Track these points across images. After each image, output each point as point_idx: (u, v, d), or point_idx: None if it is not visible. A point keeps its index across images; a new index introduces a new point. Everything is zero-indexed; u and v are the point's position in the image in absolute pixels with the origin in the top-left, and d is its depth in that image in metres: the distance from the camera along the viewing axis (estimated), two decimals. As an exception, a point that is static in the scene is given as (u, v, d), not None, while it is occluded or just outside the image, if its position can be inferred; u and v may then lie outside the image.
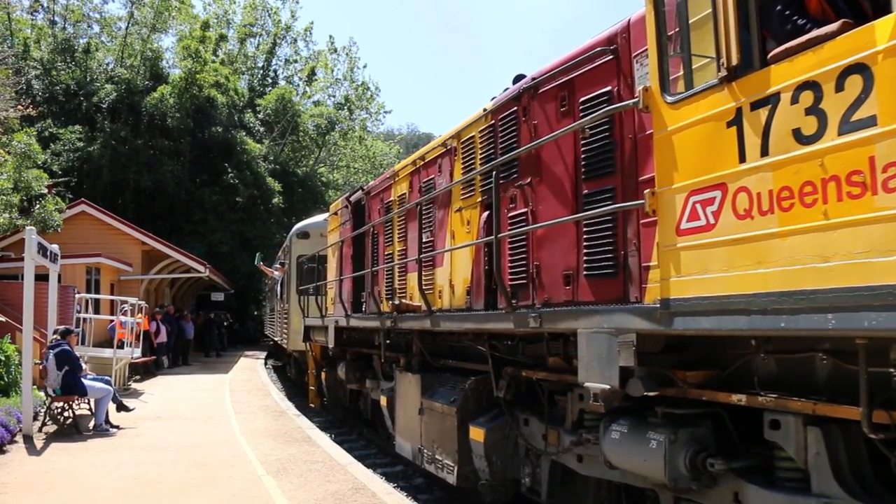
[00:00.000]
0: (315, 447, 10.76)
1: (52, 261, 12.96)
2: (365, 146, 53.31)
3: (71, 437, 11.42)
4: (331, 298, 13.39)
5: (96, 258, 23.26)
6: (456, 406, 7.37)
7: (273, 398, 17.22)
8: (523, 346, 6.65)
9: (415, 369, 8.88)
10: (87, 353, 16.41)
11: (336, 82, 53.70)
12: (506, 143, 6.81)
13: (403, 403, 9.07)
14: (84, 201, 26.01)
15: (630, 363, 4.39)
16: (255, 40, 50.77)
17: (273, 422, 13.31)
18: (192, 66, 36.74)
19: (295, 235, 19.65)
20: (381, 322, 9.41)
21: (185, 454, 10.10)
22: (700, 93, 3.94)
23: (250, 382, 21.21)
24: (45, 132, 31.48)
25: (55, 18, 40.81)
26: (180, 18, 42.91)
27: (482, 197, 7.21)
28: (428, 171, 8.90)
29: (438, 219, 8.41)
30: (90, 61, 37.97)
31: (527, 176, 6.35)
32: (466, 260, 7.51)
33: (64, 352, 11.84)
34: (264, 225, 39.15)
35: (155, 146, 35.62)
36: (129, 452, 10.29)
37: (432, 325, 7.73)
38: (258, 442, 11.10)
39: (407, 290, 9.27)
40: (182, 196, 36.17)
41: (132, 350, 18.30)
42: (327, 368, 14.48)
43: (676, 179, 4.06)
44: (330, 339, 12.28)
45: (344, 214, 12.96)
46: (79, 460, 9.75)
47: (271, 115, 43.56)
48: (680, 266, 4.02)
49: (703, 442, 4.51)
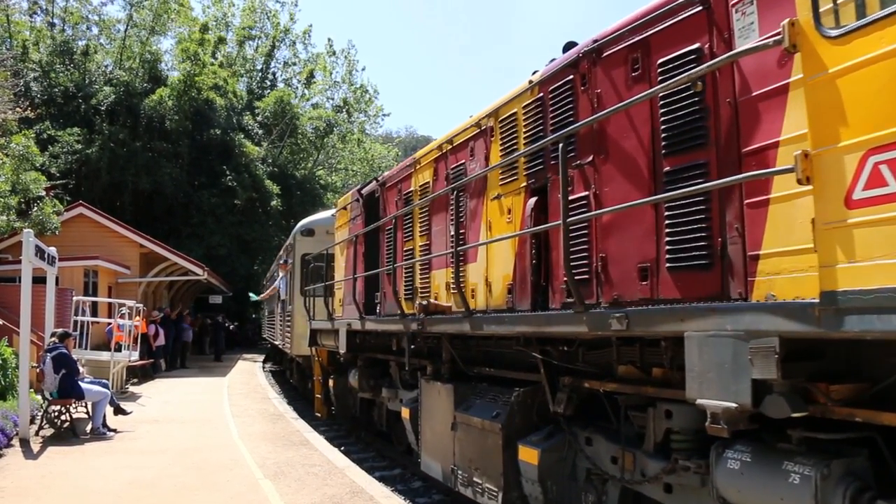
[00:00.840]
0: (313, 451, 10.74)
1: (49, 263, 12.93)
2: (363, 149, 53.32)
3: (68, 441, 11.39)
4: (339, 300, 12.57)
5: (94, 261, 23.25)
6: (500, 422, 6.38)
7: (271, 401, 17.19)
8: (584, 352, 5.73)
9: (445, 378, 7.93)
10: (84, 356, 16.39)
11: (334, 85, 53.90)
12: (558, 119, 5.91)
13: (431, 417, 8.09)
14: (82, 204, 25.98)
15: (770, 375, 3.48)
16: (253, 43, 50.90)
17: (271, 425, 13.28)
18: (190, 68, 36.78)
19: (299, 233, 18.44)
20: (405, 325, 8.34)
21: (183, 458, 10.06)
22: (885, 19, 3.10)
23: (248, 386, 21.17)
24: (44, 134, 31.45)
25: (54, 20, 40.84)
26: (179, 21, 42.92)
27: (528, 181, 6.34)
28: (457, 156, 8.01)
29: (470, 209, 7.53)
30: (89, 63, 37.98)
31: (587, 154, 5.46)
32: (507, 254, 6.63)
33: (61, 355, 11.80)
34: (262, 227, 39.15)
35: (153, 148, 35.63)
36: (126, 456, 10.25)
37: (472, 328, 6.68)
38: (256, 445, 11.07)
39: (431, 289, 8.49)
40: (180, 198, 36.19)
41: (130, 353, 18.27)
42: (335, 375, 13.28)
43: (845, 136, 3.19)
44: (341, 344, 11.30)
45: (355, 209, 12.05)
46: (76, 464, 9.71)
47: (270, 118, 43.59)
48: (853, 248, 3.14)
49: (864, 477, 3.63)
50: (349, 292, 11.50)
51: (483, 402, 6.96)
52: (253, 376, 24.58)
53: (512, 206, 6.63)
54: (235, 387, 20.50)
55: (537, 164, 6.19)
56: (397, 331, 8.98)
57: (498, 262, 6.87)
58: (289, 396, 20.11)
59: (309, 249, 16.36)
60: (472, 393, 7.30)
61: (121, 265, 25.08)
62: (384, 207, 10.62)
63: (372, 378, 11.17)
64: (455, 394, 7.42)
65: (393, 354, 9.86)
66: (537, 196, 6.14)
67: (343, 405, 13.41)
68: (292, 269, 18.75)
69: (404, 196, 9.67)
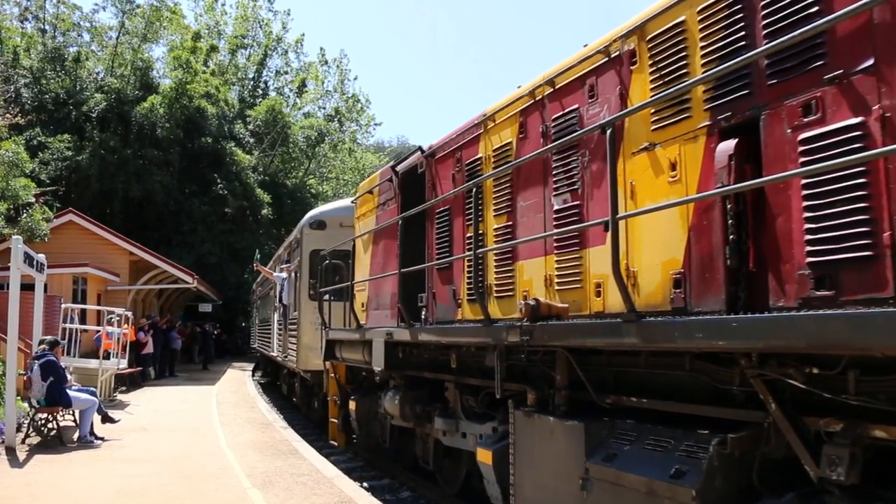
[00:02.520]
0: (301, 460, 10.69)
1: (38, 270, 12.87)
2: (355, 158, 53.43)
3: (55, 449, 11.30)
4: (361, 303, 10.57)
5: (83, 268, 23.17)
6: (692, 486, 3.99)
7: (260, 410, 17.12)
8: (858, 376, 3.55)
9: (560, 411, 5.55)
10: (72, 364, 16.30)
11: (326, 94, 54.01)
12: (775, 17, 4.06)
13: (535, 465, 5.61)
14: (72, 211, 25.94)
15: None
16: (246, 51, 50.98)
17: (260, 434, 13.22)
18: (182, 76, 36.85)
19: (307, 226, 15.73)
20: (495, 336, 5.84)
21: (171, 466, 10.01)
22: None
23: (237, 394, 21.08)
24: (34, 141, 31.41)
25: (45, 27, 40.85)
26: (171, 29, 43.04)
27: (714, 118, 4.42)
28: (562, 102, 6.00)
29: (592, 171, 5.52)
30: (80, 70, 37.99)
31: (859, 56, 3.59)
32: (672, 229, 4.63)
33: (49, 362, 11.73)
34: (253, 236, 39.08)
35: (144, 156, 35.62)
36: (113, 464, 10.18)
37: (643, 339, 4.22)
38: (244, 454, 11.02)
39: (517, 285, 6.48)
40: (171, 206, 36.15)
41: (118, 361, 18.17)
42: (357, 396, 10.78)
43: None
44: (377, 359, 8.77)
45: (385, 191, 9.94)
46: (62, 473, 9.64)
47: (261, 127, 43.65)
48: None
49: None
50: (380, 294, 9.81)
51: (638, 450, 4.61)
52: (242, 385, 24.48)
53: (679, 157, 4.68)
54: (224, 395, 20.41)
55: (734, 88, 4.30)
56: (480, 343, 6.52)
57: (651, 243, 4.86)
58: (278, 406, 20.02)
59: (320, 245, 14.07)
60: (612, 435, 4.95)
61: (110, 273, 24.99)
62: (434, 185, 8.43)
63: (418, 403, 8.64)
64: (586, 435, 4.99)
65: (450, 373, 7.73)
66: (736, 137, 4.21)
67: (368, 433, 10.63)
68: (298, 269, 16.18)
69: (467, 167, 7.54)
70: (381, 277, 9.58)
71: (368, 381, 10.39)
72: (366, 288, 10.42)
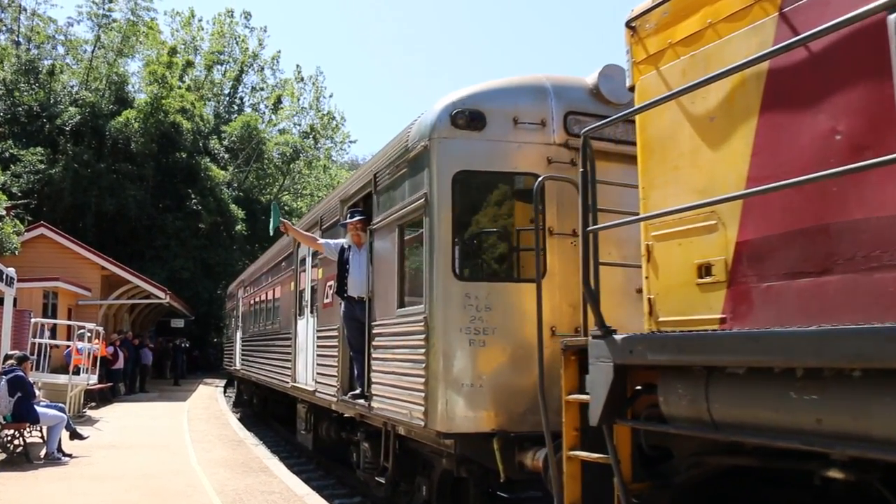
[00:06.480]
0: (272, 477, 10.68)
1: (7, 284, 12.81)
2: (329, 175, 53.50)
3: (21, 466, 11.19)
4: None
5: (54, 282, 22.94)
6: None
7: (231, 427, 17.04)
8: None
9: None
10: (41, 379, 16.13)
11: (302, 111, 54.18)
12: None
13: None
14: (43, 224, 25.69)
15: None
16: (221, 67, 50.98)
17: (231, 451, 13.17)
18: (158, 91, 36.69)
19: (448, 117, 6.68)
20: None
21: (140, 484, 9.96)
22: None
23: (209, 410, 20.95)
24: (6, 153, 31.19)
25: (19, 39, 40.54)
26: (147, 44, 42.95)
27: None
28: None
29: None
30: (54, 83, 37.73)
31: None
32: None
33: (17, 378, 11.63)
34: (227, 252, 38.93)
35: (118, 170, 35.37)
36: (81, 482, 10.11)
37: None
38: (215, 471, 10.99)
39: None
40: (144, 221, 35.92)
41: (88, 376, 18.01)
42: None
43: None
44: None
45: None
46: (28, 490, 9.56)
47: (236, 142, 43.61)
48: None
49: None
50: None
51: None
52: (213, 401, 24.31)
53: None
54: (196, 412, 20.27)
55: None
56: None
57: None
58: (248, 423, 19.92)
59: (470, 163, 6.71)
60: None
61: (82, 287, 24.77)
62: None
63: None
64: None
65: None
66: None
67: None
68: (426, 213, 6.80)
69: None
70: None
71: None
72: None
